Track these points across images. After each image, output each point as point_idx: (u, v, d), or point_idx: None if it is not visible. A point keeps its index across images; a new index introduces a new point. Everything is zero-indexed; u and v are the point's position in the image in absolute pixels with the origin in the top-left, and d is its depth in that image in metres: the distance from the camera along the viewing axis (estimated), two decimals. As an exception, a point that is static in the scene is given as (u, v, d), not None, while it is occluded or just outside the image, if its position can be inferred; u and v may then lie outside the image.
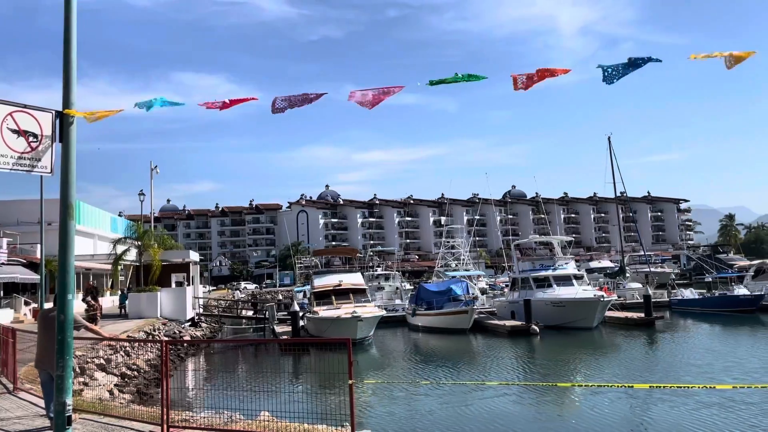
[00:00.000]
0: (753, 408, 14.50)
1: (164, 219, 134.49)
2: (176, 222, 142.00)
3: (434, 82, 6.87)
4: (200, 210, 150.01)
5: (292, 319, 35.22)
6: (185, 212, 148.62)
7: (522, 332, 33.04)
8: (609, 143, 54.53)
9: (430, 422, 14.29)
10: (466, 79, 6.80)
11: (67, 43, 6.43)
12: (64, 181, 6.27)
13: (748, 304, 39.53)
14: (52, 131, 6.45)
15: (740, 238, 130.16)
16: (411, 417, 15.15)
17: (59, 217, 6.24)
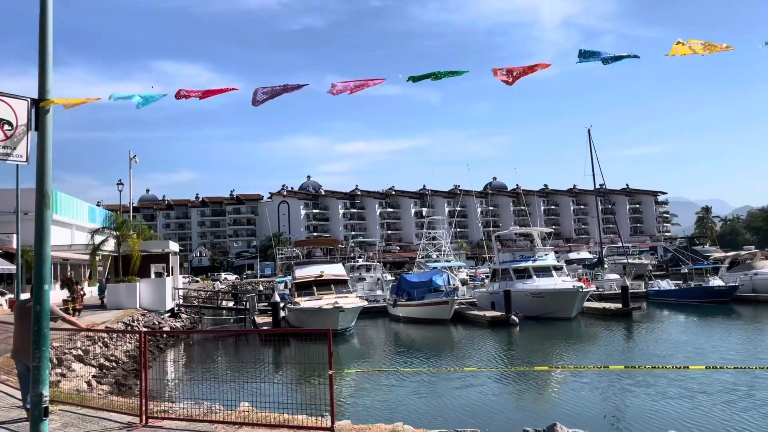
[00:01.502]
0: (726, 394, 14.82)
1: (143, 209, 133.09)
2: (156, 212, 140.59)
3: (415, 78, 6.86)
4: (180, 200, 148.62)
5: (272, 310, 35.13)
6: (165, 202, 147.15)
7: (502, 323, 33.34)
8: (589, 135, 55.03)
9: (411, 410, 14.39)
10: (446, 75, 6.81)
11: (42, 30, 6.31)
12: (40, 170, 6.19)
13: (723, 295, 40.28)
14: (28, 119, 6.34)
15: (716, 230, 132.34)
16: (391, 405, 15.26)
17: (35, 206, 6.16)
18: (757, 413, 13.16)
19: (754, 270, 43.09)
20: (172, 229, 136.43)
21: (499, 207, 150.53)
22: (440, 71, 6.43)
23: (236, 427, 8.22)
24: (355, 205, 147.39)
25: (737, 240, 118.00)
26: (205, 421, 8.53)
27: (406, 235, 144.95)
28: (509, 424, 12.08)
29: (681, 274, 54.41)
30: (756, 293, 40.93)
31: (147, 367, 8.96)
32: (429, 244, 65.29)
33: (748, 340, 26.35)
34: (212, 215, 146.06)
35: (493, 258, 46.96)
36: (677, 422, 12.13)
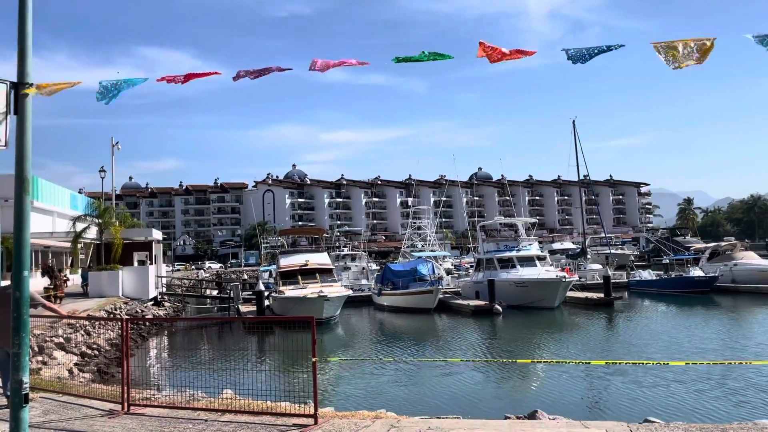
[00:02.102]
0: (701, 383, 15.09)
1: (126, 197, 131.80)
2: (139, 200, 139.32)
3: (400, 60, 6.86)
4: (163, 188, 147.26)
5: (257, 299, 35.09)
6: (148, 190, 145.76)
7: (485, 312, 33.57)
8: (573, 126, 55.29)
9: (394, 398, 14.50)
10: (432, 58, 6.80)
11: (22, 12, 6.21)
12: (19, 155, 6.10)
13: (703, 285, 40.84)
14: (7, 103, 6.25)
15: (697, 221, 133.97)
16: (374, 393, 15.36)
17: (15, 192, 6.08)
18: (728, 402, 13.46)
19: (734, 261, 43.70)
20: (156, 217, 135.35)
21: (484, 197, 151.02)
22: (425, 52, 6.42)
23: (219, 414, 8.24)
24: (341, 195, 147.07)
25: (718, 231, 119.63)
26: (188, 409, 8.54)
27: (391, 224, 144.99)
28: (491, 411, 12.21)
29: (662, 264, 55.01)
30: (735, 284, 41.56)
31: (129, 355, 8.93)
32: (414, 234, 65.39)
33: (725, 330, 26.78)
34: (196, 203, 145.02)
35: (478, 248, 47.19)
36: (654, 409, 12.35)
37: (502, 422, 8.12)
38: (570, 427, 7.49)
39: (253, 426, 7.62)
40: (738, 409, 12.79)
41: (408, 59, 6.81)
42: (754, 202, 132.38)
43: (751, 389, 14.41)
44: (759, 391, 14.22)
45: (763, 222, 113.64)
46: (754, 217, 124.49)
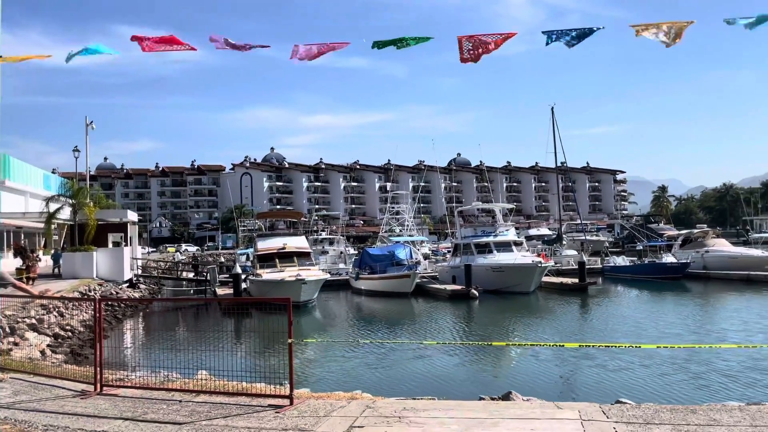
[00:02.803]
0: (670, 366, 15.44)
1: (101, 177, 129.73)
2: (114, 181, 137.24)
3: (379, 45, 6.80)
4: (139, 169, 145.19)
5: (233, 282, 34.94)
6: (123, 171, 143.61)
7: (462, 296, 33.85)
8: (552, 113, 55.57)
9: (370, 380, 14.59)
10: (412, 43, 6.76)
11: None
12: (-13, 130, 5.95)
13: (675, 272, 41.61)
14: (-26, 77, 6.08)
15: (671, 209, 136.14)
16: (350, 375, 15.45)
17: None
18: (697, 383, 13.82)
19: (706, 248, 44.56)
20: (131, 199, 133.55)
21: (462, 183, 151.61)
22: (405, 37, 6.38)
23: (194, 395, 8.20)
24: (320, 179, 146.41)
25: (691, 219, 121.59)
26: (162, 389, 8.49)
27: (370, 209, 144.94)
28: (466, 392, 12.34)
29: (636, 250, 55.85)
30: (706, 270, 42.41)
31: (102, 335, 8.83)
32: (392, 219, 65.50)
33: (696, 315, 27.40)
34: (173, 185, 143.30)
35: (456, 233, 47.43)
36: (626, 391, 12.60)
37: (477, 403, 8.21)
38: (543, 408, 7.61)
39: (227, 407, 7.61)
40: (706, 390, 13.12)
41: (387, 43, 6.75)
42: (726, 190, 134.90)
43: (718, 372, 14.78)
44: (726, 373, 14.60)
45: (735, 210, 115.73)
46: (726, 206, 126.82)
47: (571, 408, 7.30)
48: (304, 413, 7.25)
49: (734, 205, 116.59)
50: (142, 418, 7.24)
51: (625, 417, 6.76)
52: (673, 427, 6.34)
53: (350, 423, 6.79)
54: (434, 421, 6.79)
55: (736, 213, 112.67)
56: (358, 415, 7.11)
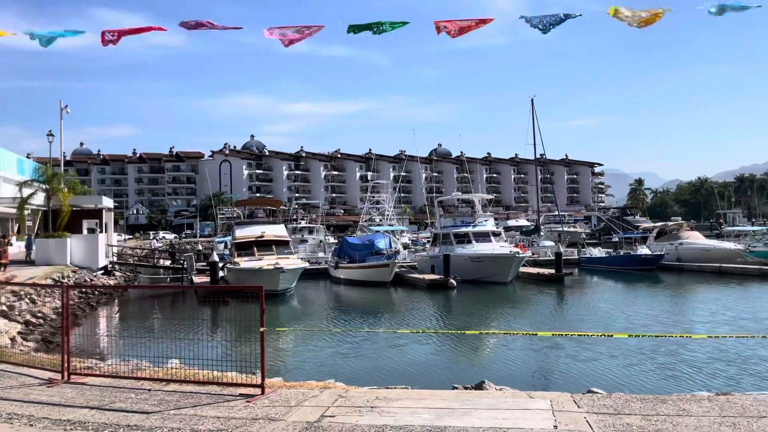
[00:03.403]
0: (646, 355, 15.64)
1: (77, 163, 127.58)
2: (90, 167, 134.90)
3: (355, 29, 6.69)
4: (116, 155, 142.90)
5: (210, 270, 34.62)
6: (100, 157, 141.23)
7: (440, 286, 33.97)
8: (532, 105, 55.85)
9: (344, 369, 14.56)
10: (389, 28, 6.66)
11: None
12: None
13: (649, 263, 42.20)
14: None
15: (647, 201, 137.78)
16: (325, 364, 15.39)
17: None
18: (667, 373, 13.98)
19: (680, 240, 45.22)
20: (108, 185, 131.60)
21: (443, 173, 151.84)
22: (382, 21, 6.29)
23: (164, 384, 8.09)
24: (300, 167, 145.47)
25: (666, 211, 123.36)
26: (131, 378, 8.36)
27: (350, 198, 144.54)
28: (440, 381, 12.37)
29: (612, 242, 56.49)
30: (680, 262, 43.07)
31: (70, 322, 8.65)
32: (373, 208, 65.41)
33: (668, 305, 27.82)
34: (150, 172, 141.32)
35: (435, 223, 47.51)
36: (598, 380, 12.74)
37: (450, 392, 8.22)
38: (516, 397, 7.63)
39: (197, 396, 7.52)
40: (677, 380, 13.31)
41: (364, 27, 6.65)
42: (701, 184, 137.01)
43: (688, 362, 15.00)
44: (696, 363, 14.82)
45: (709, 204, 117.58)
46: (701, 199, 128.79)
47: (542, 397, 7.33)
48: (275, 402, 7.18)
49: (708, 198, 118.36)
50: (109, 407, 7.12)
51: (596, 407, 6.81)
52: (643, 416, 6.40)
53: (321, 413, 6.74)
54: (406, 411, 6.77)
55: (710, 206, 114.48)
56: (329, 405, 7.07)
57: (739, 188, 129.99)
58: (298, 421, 6.45)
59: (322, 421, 6.45)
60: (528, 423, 6.24)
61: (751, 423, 6.05)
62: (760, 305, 26.20)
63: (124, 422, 6.52)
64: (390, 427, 6.17)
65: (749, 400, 7.04)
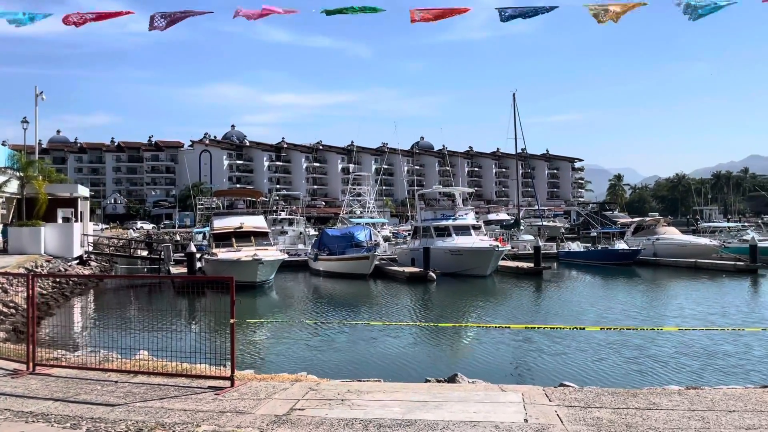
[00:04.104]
0: (618, 348, 15.77)
1: (53, 151, 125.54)
2: (67, 155, 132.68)
3: (329, 12, 6.58)
4: (94, 144, 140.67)
5: (188, 260, 34.28)
6: (77, 145, 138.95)
7: (420, 278, 33.99)
8: (513, 99, 55.95)
9: (318, 362, 14.47)
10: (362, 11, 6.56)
11: None
12: None
13: (626, 258, 42.62)
14: None
15: (626, 197, 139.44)
16: (299, 357, 15.29)
17: None
18: (639, 367, 14.11)
19: (656, 235, 45.75)
20: (85, 174, 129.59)
21: (425, 167, 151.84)
22: (355, 6, 6.17)
23: (131, 376, 7.94)
24: (281, 158, 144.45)
25: (644, 207, 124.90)
26: (98, 369, 8.20)
27: (332, 190, 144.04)
28: (413, 374, 12.35)
29: (590, 237, 57.01)
30: (657, 257, 43.58)
31: (35, 312, 8.45)
32: (354, 200, 65.23)
33: (644, 299, 28.14)
34: (129, 161, 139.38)
35: (416, 216, 47.51)
36: (570, 374, 12.81)
37: (422, 385, 8.17)
38: (488, 390, 7.61)
39: (165, 388, 7.38)
40: (648, 373, 13.42)
41: (337, 11, 6.53)
42: (679, 180, 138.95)
43: (658, 355, 15.17)
44: (665, 357, 14.98)
45: (686, 200, 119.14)
46: (678, 195, 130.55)
47: (514, 391, 7.32)
48: (244, 395, 7.08)
49: (686, 194, 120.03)
50: (74, 399, 6.96)
51: (567, 400, 6.81)
52: (614, 410, 6.41)
53: (291, 406, 6.65)
54: (377, 404, 6.70)
55: (687, 202, 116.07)
56: (300, 398, 6.98)
57: (716, 185, 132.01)
58: (266, 414, 6.35)
59: (291, 414, 6.36)
60: (499, 416, 6.21)
61: (720, 417, 6.09)
62: (729, 300, 26.58)
63: (87, 415, 6.37)
64: (359, 420, 6.10)
65: (719, 394, 7.09)
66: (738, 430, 5.69)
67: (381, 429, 5.82)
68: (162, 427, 5.91)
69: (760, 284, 32.95)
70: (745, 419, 6.01)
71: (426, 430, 5.78)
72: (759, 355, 15.23)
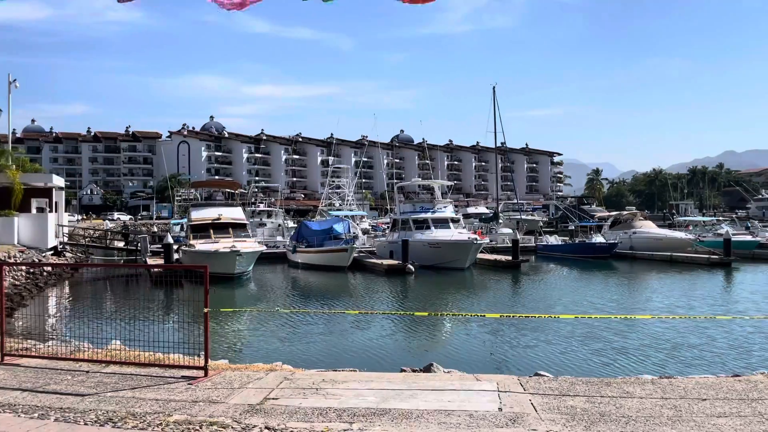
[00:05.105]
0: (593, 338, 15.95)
1: (28, 140, 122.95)
2: (42, 144, 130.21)
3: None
4: (70, 133, 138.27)
5: (165, 252, 33.93)
6: (53, 135, 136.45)
7: (398, 271, 34.02)
8: (493, 93, 56.18)
9: (294, 352, 14.42)
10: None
11: None
12: None
13: (603, 251, 43.12)
14: None
15: (603, 191, 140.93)
16: (274, 346, 15.24)
17: None
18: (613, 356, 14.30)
19: (633, 229, 46.31)
20: (60, 164, 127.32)
21: (404, 160, 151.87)
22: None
23: (103, 366, 7.81)
24: (260, 150, 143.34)
25: (621, 201, 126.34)
26: (70, 360, 8.05)
27: (311, 183, 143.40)
28: (389, 364, 12.35)
29: (568, 230, 57.52)
30: (633, 250, 44.14)
31: (3, 302, 8.25)
32: (333, 193, 65.00)
33: (620, 291, 28.51)
34: (105, 152, 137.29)
35: (395, 209, 47.50)
36: (545, 363, 12.93)
37: (397, 375, 8.16)
38: (463, 379, 7.62)
39: (137, 378, 7.27)
40: (622, 363, 13.59)
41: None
42: (656, 175, 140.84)
43: (634, 344, 15.37)
44: (641, 346, 15.19)
45: (663, 194, 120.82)
46: (655, 190, 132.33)
47: (489, 380, 7.33)
48: (217, 385, 7.00)
49: (662, 189, 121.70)
50: (43, 389, 6.82)
51: (541, 389, 6.84)
52: (588, 399, 6.45)
53: (265, 395, 6.59)
54: (351, 393, 6.67)
55: (664, 197, 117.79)
56: (274, 387, 6.92)
57: (692, 180, 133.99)
58: (239, 403, 6.28)
59: (265, 403, 6.30)
60: (473, 405, 6.22)
61: (692, 405, 6.16)
62: (698, 293, 27.02)
63: (57, 405, 6.25)
64: (334, 409, 6.06)
65: (691, 383, 7.18)
66: (710, 418, 5.76)
67: (355, 418, 5.79)
68: (133, 416, 5.82)
69: (732, 277, 33.56)
70: (717, 407, 6.08)
71: (400, 419, 5.76)
72: (726, 345, 15.50)
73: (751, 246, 42.24)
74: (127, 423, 5.62)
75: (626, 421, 5.67)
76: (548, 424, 5.58)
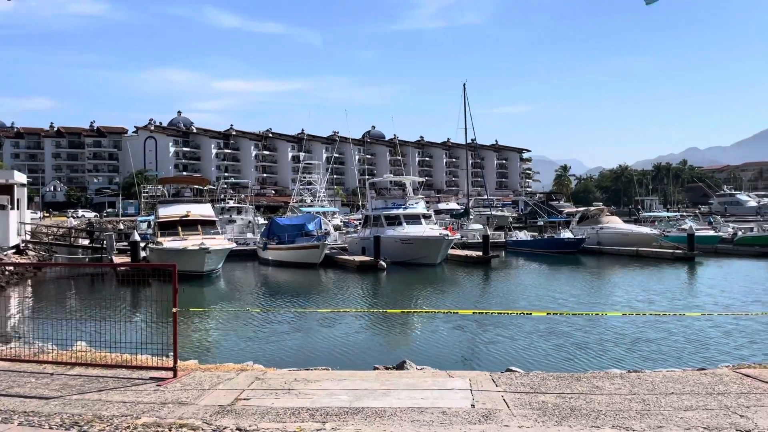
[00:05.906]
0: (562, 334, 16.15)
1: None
2: (2, 140, 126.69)
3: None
4: (32, 128, 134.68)
5: (131, 249, 33.28)
6: (14, 130, 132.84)
7: (370, 267, 34.01)
8: (464, 90, 56.46)
9: (265, 351, 14.29)
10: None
11: None
12: None
13: (571, 246, 43.75)
14: None
15: (571, 187, 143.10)
16: (247, 346, 15.06)
17: None
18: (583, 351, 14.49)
19: (600, 225, 47.07)
20: (22, 160, 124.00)
21: (376, 156, 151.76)
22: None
23: (68, 368, 7.62)
24: (230, 146, 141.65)
25: (589, 197, 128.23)
26: (33, 362, 7.83)
27: (282, 179, 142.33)
28: (361, 362, 12.33)
29: (537, 226, 58.21)
30: (600, 245, 44.85)
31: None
32: (304, 189, 64.64)
33: (587, 286, 28.93)
34: (69, 147, 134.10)
35: (367, 205, 47.44)
36: (517, 359, 13.05)
37: (370, 373, 8.13)
38: (436, 377, 7.63)
39: (104, 380, 7.10)
40: (591, 357, 13.80)
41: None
42: (622, 172, 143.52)
43: (602, 339, 15.61)
44: (608, 340, 15.43)
45: (629, 190, 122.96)
46: (621, 186, 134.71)
47: (462, 377, 7.35)
48: (187, 386, 6.88)
49: (628, 185, 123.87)
50: (5, 392, 6.62)
51: (513, 385, 6.88)
52: (558, 394, 6.51)
53: (236, 396, 6.50)
54: (324, 392, 6.62)
55: (630, 193, 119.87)
56: (245, 388, 6.83)
57: (656, 176, 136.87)
58: (210, 404, 6.18)
59: (236, 404, 6.21)
60: (446, 402, 6.23)
61: (660, 399, 6.26)
62: (660, 287, 27.46)
63: (20, 408, 6.06)
64: (306, 409, 6.01)
65: (659, 377, 7.30)
66: (677, 411, 5.86)
67: (328, 417, 5.74)
68: (100, 420, 5.68)
69: (696, 271, 34.36)
70: (684, 401, 6.20)
71: (373, 418, 5.73)
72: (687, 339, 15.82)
73: (713, 241, 43.32)
74: (93, 426, 5.48)
75: (596, 416, 5.74)
76: (520, 420, 5.61)
